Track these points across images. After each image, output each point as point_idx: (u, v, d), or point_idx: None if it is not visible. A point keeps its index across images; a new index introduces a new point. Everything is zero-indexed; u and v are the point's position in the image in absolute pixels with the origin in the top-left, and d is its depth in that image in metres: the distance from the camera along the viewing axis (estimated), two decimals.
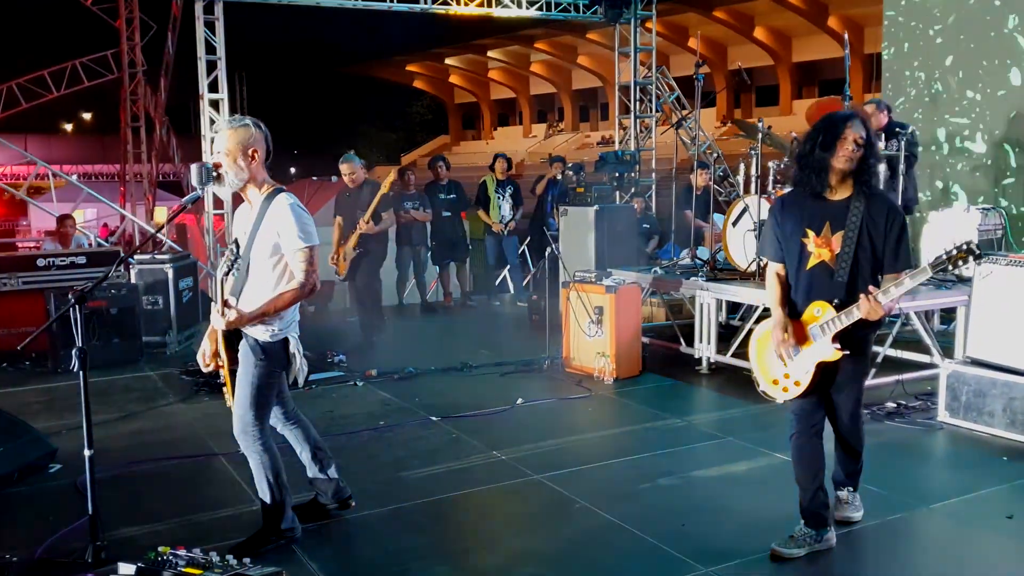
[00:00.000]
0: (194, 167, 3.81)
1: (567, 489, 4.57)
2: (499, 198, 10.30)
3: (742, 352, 6.77)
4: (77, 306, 3.60)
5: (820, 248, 3.74)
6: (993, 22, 8.41)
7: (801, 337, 3.79)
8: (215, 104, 11.54)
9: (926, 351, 6.48)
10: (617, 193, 9.62)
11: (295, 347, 3.87)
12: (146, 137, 18.16)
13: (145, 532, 4.09)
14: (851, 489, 4.11)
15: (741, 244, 7.11)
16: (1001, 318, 5.27)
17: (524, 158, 40.03)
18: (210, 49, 11.50)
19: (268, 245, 3.73)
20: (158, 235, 11.36)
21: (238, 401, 3.85)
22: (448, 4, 13.07)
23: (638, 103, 13.86)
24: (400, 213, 9.82)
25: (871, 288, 3.60)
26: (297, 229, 3.66)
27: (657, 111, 14.09)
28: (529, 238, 11.59)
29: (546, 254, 9.53)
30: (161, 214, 22.04)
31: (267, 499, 3.94)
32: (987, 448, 5.09)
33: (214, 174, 3.68)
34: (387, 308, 9.13)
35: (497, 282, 11.28)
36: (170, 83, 17.21)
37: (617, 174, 10.00)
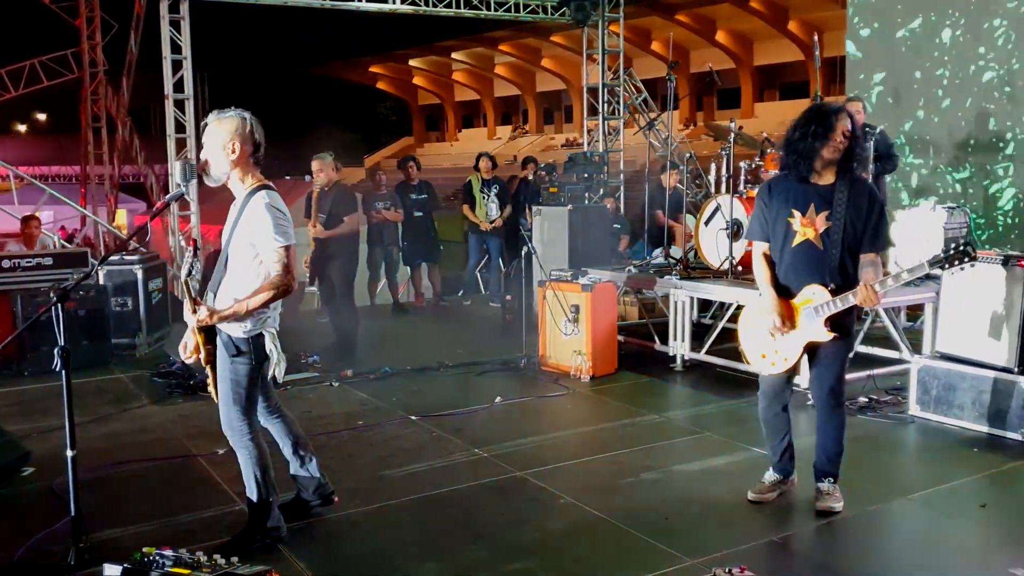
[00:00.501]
0: (177, 164, 3.84)
1: (550, 485, 4.60)
2: (485, 197, 10.31)
3: (716, 349, 6.88)
4: (59, 304, 3.55)
5: (805, 227, 3.99)
6: (952, 25, 8.60)
7: (789, 316, 4.04)
8: (180, 104, 11.43)
9: (895, 347, 6.62)
10: (586, 194, 9.68)
11: (271, 343, 3.82)
12: (108, 138, 17.89)
13: (128, 534, 4.04)
14: (832, 480, 4.21)
15: (714, 243, 7.20)
16: (969, 314, 5.40)
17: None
18: (175, 48, 11.39)
19: (246, 241, 3.70)
20: (120, 235, 11.23)
21: (221, 398, 3.84)
22: (417, 4, 13.05)
23: (605, 105, 13.97)
24: (372, 213, 9.80)
25: (868, 278, 3.84)
26: (272, 228, 3.61)
27: (625, 113, 14.21)
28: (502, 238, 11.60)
29: (521, 254, 9.58)
30: (123, 217, 21.72)
31: (254, 496, 3.92)
32: (957, 440, 5.21)
33: (201, 172, 3.65)
34: (359, 309, 9.10)
35: (466, 282, 11.30)
36: (132, 83, 16.96)
37: (586, 175, 10.09)
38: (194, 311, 3.63)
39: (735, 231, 6.96)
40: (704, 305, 8.43)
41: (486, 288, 11.34)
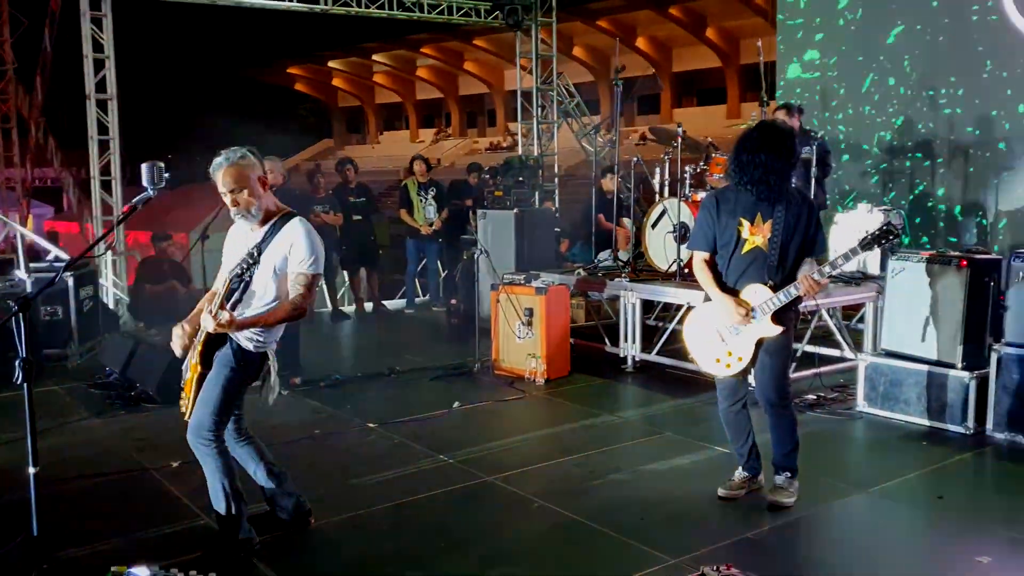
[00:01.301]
0: (144, 166, 3.66)
1: (521, 489, 4.59)
2: (423, 200, 10.21)
3: (667, 350, 6.98)
4: (20, 313, 3.37)
5: (754, 235, 4.17)
6: (880, 30, 8.91)
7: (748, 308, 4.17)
8: (103, 105, 11.03)
9: (837, 346, 6.83)
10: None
11: (272, 363, 3.85)
12: (19, 139, 17.13)
13: (89, 553, 3.88)
14: (789, 476, 4.33)
15: (661, 246, 7.30)
16: (913, 312, 5.60)
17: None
18: (97, 47, 10.98)
19: (273, 264, 3.72)
20: (44, 243, 10.77)
21: (202, 402, 3.74)
22: (348, 5, 12.89)
23: (540, 109, 14.05)
24: (310, 216, 9.61)
25: (809, 269, 4.06)
26: (308, 253, 3.69)
27: (558, 116, 14.31)
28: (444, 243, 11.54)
29: (463, 258, 9.54)
30: (29, 223, 20.79)
31: (222, 509, 3.81)
32: (906, 434, 5.41)
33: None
34: None
35: (404, 287, 11.19)
36: (48, 82, 16.28)
37: (521, 179, 10.14)
38: (216, 313, 3.51)
39: (683, 234, 7.08)
40: (646, 307, 8.54)
41: (424, 292, 11.27)
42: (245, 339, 3.74)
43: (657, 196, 7.88)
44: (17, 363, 3.36)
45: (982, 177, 8.13)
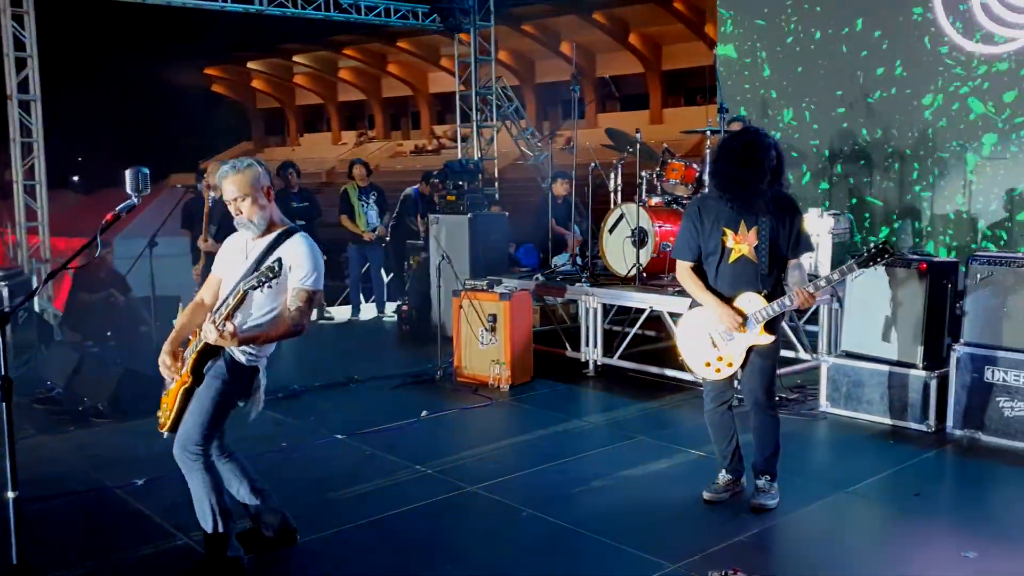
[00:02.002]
0: (129, 172, 3.50)
1: (506, 498, 4.54)
2: (364, 205, 10.03)
3: (628, 353, 7.03)
4: (1, 329, 3.18)
5: (739, 244, 4.21)
6: (814, 37, 9.17)
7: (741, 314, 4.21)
8: (26, 106, 10.56)
9: (791, 347, 6.97)
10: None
11: (262, 378, 3.78)
12: None
13: None
14: (769, 479, 4.39)
15: (620, 250, 7.35)
16: (873, 314, 5.76)
17: (335, 166, 39.30)
18: (19, 45, 10.50)
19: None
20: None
21: (192, 416, 3.62)
22: (284, 5, 12.64)
23: (478, 112, 14.02)
24: None
25: (797, 280, 4.16)
26: (310, 269, 3.60)
27: (497, 120, 14.30)
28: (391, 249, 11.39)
29: (410, 264, 9.43)
30: None
31: (208, 527, 3.67)
32: (870, 433, 5.55)
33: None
34: None
35: (344, 294, 11.00)
36: None
37: (462, 183, 10.09)
38: (222, 325, 3.37)
39: (641, 239, 7.15)
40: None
41: (367, 299, 11.09)
42: (239, 352, 3.64)
43: (613, 201, 7.93)
44: None
45: (920, 182, 8.42)
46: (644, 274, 7.17)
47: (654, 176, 7.53)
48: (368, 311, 10.55)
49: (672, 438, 5.51)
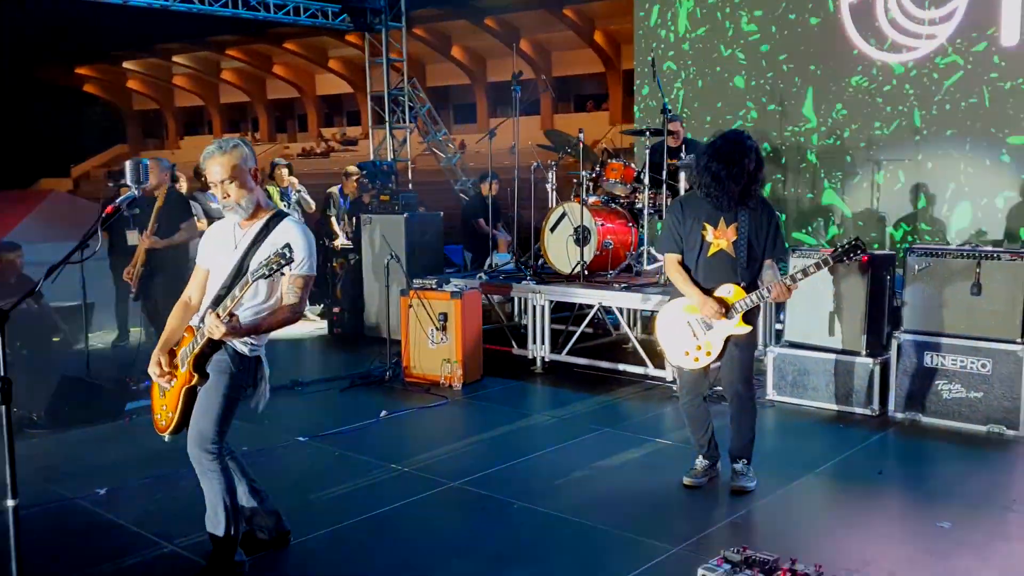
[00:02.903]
0: (129, 163, 3.36)
1: (492, 492, 4.56)
2: (286, 207, 9.79)
3: (576, 349, 7.15)
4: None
5: (718, 239, 4.42)
6: (723, 40, 9.56)
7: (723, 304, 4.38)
8: None
9: None
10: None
11: (265, 367, 3.69)
12: None
13: None
14: (745, 462, 4.58)
15: (563, 248, 7.45)
16: (816, 305, 6.05)
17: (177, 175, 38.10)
18: None
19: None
20: None
21: (201, 414, 3.51)
22: (191, 2, 12.23)
23: (391, 114, 13.93)
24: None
25: (769, 277, 4.38)
26: (305, 255, 3.50)
27: (410, 122, 14.24)
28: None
29: (336, 266, 9.27)
30: None
31: (220, 530, 3.56)
32: (820, 419, 5.82)
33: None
34: None
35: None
36: None
37: (376, 184, 10.00)
38: (225, 319, 3.25)
39: (584, 237, 7.28)
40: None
41: None
42: (240, 343, 3.54)
43: (553, 201, 8.04)
44: None
45: (831, 180, 8.90)
46: (587, 271, 7.30)
47: (593, 176, 7.67)
48: None
49: (635, 428, 5.64)
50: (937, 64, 8.13)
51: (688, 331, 4.46)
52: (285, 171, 10.09)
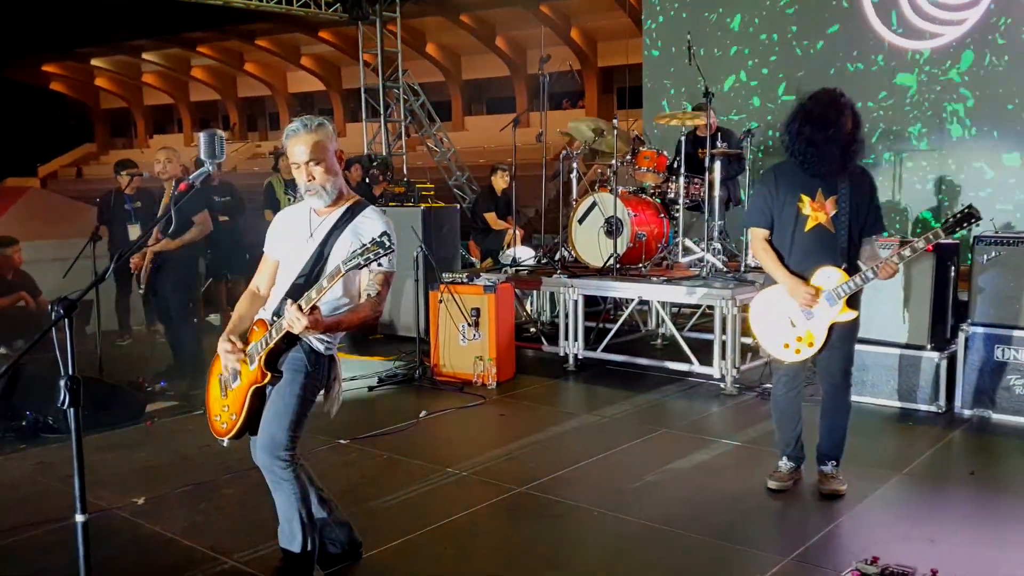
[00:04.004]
0: (203, 135, 2.99)
1: (565, 497, 4.23)
2: (291, 200, 9.35)
3: (609, 345, 6.85)
4: (68, 319, 2.60)
5: (816, 212, 4.05)
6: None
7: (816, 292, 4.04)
8: None
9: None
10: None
11: (339, 368, 3.33)
12: None
13: None
14: (835, 464, 4.29)
15: (594, 241, 7.12)
16: (870, 297, 5.73)
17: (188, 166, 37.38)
18: None
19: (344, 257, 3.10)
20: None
21: (273, 419, 3.14)
22: None
23: (384, 108, 13.54)
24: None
25: (872, 254, 4.05)
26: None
27: (406, 118, 13.87)
28: None
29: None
30: None
31: (296, 546, 3.21)
32: (884, 416, 5.53)
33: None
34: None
35: None
36: None
37: (368, 180, 9.69)
38: (309, 312, 2.91)
39: (616, 228, 6.97)
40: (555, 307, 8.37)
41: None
42: (316, 340, 3.19)
43: (578, 191, 7.73)
44: (62, 383, 2.59)
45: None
46: (618, 265, 6.99)
47: (625, 163, 7.37)
48: None
49: (693, 429, 5.35)
50: (961, 50, 7.97)
51: (786, 320, 4.11)
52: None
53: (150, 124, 48.36)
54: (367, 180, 9.88)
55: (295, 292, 3.10)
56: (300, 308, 2.92)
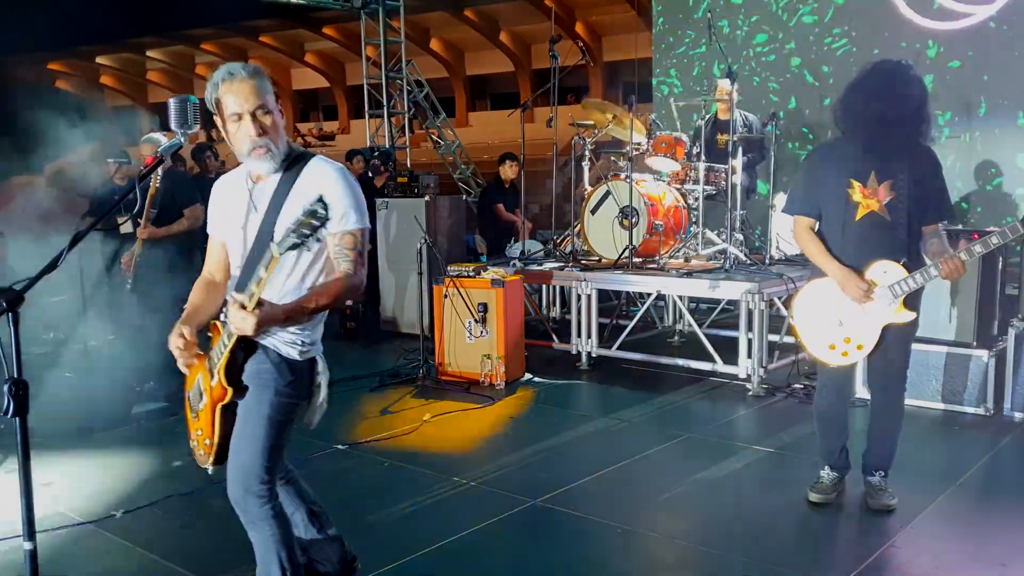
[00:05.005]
0: (172, 101, 2.54)
1: (583, 512, 3.82)
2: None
3: (627, 342, 6.44)
4: (10, 314, 2.20)
5: (868, 199, 3.60)
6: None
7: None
8: None
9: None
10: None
11: (322, 371, 2.75)
12: None
13: None
14: (883, 475, 3.87)
15: (608, 232, 6.70)
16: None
17: (192, 164, 37.16)
18: None
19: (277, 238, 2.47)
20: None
21: (245, 444, 2.61)
22: None
23: (387, 100, 13.15)
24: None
25: (937, 249, 3.56)
26: (350, 203, 2.58)
27: (409, 110, 13.47)
28: None
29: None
30: None
31: None
32: (927, 420, 5.08)
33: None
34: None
35: None
36: None
37: (370, 174, 9.32)
38: (253, 308, 2.36)
39: (632, 219, 6.56)
40: (564, 302, 7.96)
41: None
42: (286, 345, 2.63)
43: (590, 178, 7.30)
44: (6, 388, 2.19)
45: None
46: (636, 259, 6.57)
47: (641, 150, 6.95)
48: None
49: (721, 434, 4.94)
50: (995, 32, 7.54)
51: (834, 319, 3.66)
52: None
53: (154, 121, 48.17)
54: (369, 172, 9.48)
55: (240, 287, 2.55)
56: (242, 306, 2.37)
